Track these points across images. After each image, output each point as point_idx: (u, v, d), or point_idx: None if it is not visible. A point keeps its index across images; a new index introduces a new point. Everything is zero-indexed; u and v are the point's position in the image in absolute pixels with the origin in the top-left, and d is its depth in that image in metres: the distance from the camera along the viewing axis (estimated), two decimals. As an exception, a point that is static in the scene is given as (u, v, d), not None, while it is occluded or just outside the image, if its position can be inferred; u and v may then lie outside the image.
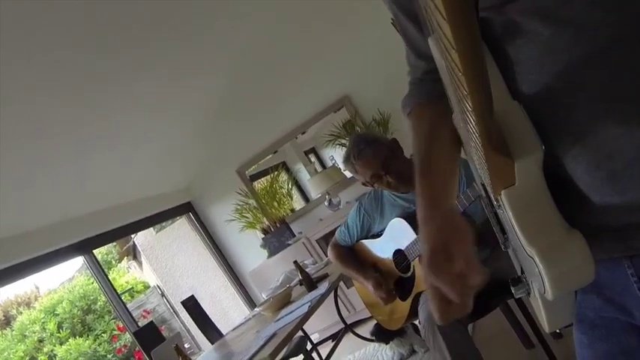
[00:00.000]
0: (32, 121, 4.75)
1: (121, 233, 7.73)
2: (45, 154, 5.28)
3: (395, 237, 3.67)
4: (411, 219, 3.49)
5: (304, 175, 8.27)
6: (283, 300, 5.02)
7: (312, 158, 8.39)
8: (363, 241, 4.01)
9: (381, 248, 3.85)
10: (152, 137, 6.86)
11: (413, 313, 3.62)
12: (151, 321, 6.22)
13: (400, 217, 3.56)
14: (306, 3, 6.05)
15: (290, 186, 8.31)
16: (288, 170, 8.46)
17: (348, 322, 6.28)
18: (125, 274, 14.09)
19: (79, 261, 6.75)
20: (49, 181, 5.68)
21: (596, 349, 1.06)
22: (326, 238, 6.98)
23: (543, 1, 0.80)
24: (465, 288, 0.93)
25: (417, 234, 3.47)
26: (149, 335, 5.35)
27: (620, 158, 0.80)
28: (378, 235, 3.87)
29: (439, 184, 1.08)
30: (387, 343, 5.11)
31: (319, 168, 8.25)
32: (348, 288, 6.66)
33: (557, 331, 3.60)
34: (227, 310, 9.40)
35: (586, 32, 0.78)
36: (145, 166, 7.33)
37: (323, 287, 4.64)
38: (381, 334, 4.80)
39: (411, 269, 3.62)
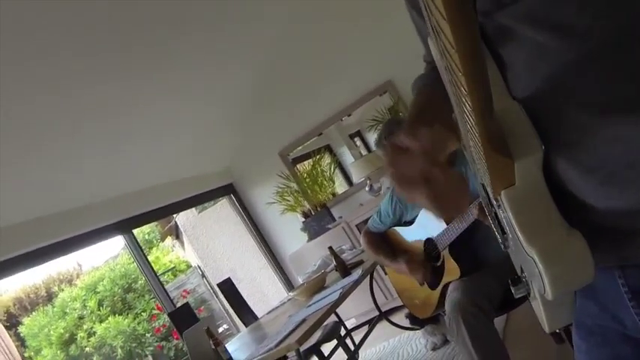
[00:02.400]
0: (80, 104, 4.85)
1: (162, 213, 7.84)
2: (91, 135, 5.39)
3: (426, 226, 3.66)
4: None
5: (348, 159, 8.26)
6: (317, 285, 5.03)
7: (358, 142, 8.36)
8: (395, 228, 4.00)
9: (413, 236, 3.85)
10: (196, 119, 6.93)
11: (442, 301, 3.60)
12: (187, 302, 6.30)
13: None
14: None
15: (333, 170, 8.29)
16: (332, 153, 8.43)
17: (385, 309, 6.28)
18: (169, 253, 14.25)
19: (122, 239, 6.82)
20: (93, 160, 5.80)
21: (592, 355, 1.07)
22: (365, 223, 6.96)
23: (533, 6, 0.79)
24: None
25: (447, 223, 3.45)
26: (184, 316, 5.38)
27: (613, 163, 0.79)
28: (410, 223, 3.85)
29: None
30: (421, 327, 5.09)
31: (364, 152, 8.21)
32: (385, 274, 6.64)
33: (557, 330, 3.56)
34: (266, 292, 9.47)
35: (576, 38, 0.77)
36: (188, 147, 7.39)
37: (356, 274, 4.65)
38: (416, 319, 4.77)
39: (441, 258, 3.61)
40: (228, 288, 6.39)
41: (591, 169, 0.81)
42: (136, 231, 7.05)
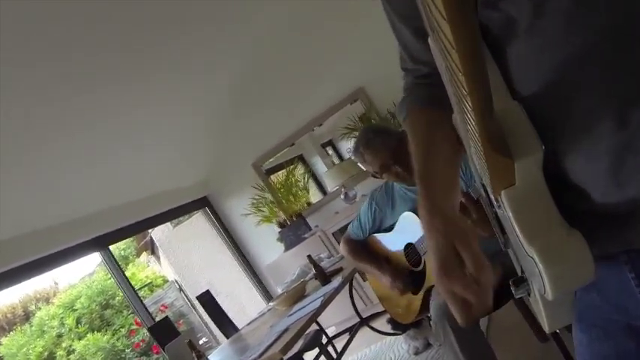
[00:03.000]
0: (49, 120, 4.79)
1: (137, 229, 7.78)
2: (60, 152, 5.32)
3: (406, 230, 3.66)
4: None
5: (321, 168, 8.26)
6: (297, 294, 5.02)
7: (330, 151, 8.37)
8: (375, 234, 4.00)
9: (393, 242, 3.85)
10: (167, 132, 6.89)
11: (425, 306, 3.61)
12: (166, 316, 6.25)
13: (411, 210, 3.55)
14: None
15: (306, 179, 8.30)
16: (305, 163, 8.44)
17: (365, 315, 6.30)
18: (145, 269, 14.19)
19: (98, 256, 6.79)
20: (65, 178, 5.73)
21: (593, 349, 1.06)
22: (342, 231, 6.97)
23: None
24: (479, 288, 0.93)
25: None
26: (164, 330, 5.36)
27: (618, 152, 0.80)
28: (390, 228, 3.86)
29: (438, 189, 1.08)
30: (403, 332, 5.10)
31: (337, 161, 8.22)
32: (364, 281, 6.65)
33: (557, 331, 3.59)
34: (245, 304, 9.43)
35: (578, 26, 0.77)
36: (160, 162, 7.36)
37: (336, 281, 4.65)
38: (397, 324, 4.78)
39: (422, 263, 3.61)
40: (207, 300, 6.37)
41: (598, 156, 0.82)
42: (112, 247, 7.01)
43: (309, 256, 5.18)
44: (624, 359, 0.99)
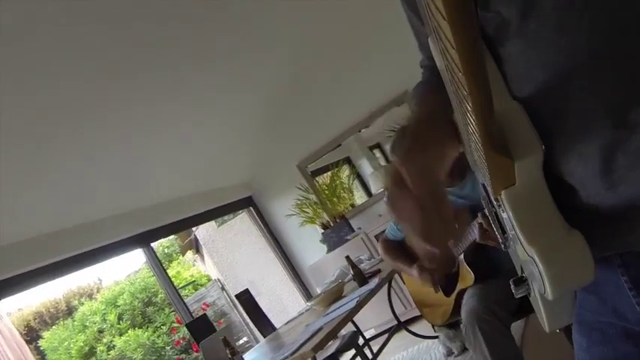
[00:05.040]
0: (104, 119, 4.88)
1: (181, 226, 7.85)
2: (108, 147, 5.40)
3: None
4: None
5: (367, 170, 8.27)
6: (335, 294, 5.04)
7: (377, 154, 8.36)
8: (413, 235, 3.98)
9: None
10: (214, 131, 6.95)
11: (457, 309, 3.59)
12: (204, 313, 6.29)
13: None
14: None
15: (351, 181, 8.29)
16: (351, 165, 8.45)
17: (404, 319, 6.28)
18: (190, 268, 14.32)
19: (142, 254, 6.85)
20: (111, 173, 5.81)
21: (592, 353, 1.06)
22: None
23: None
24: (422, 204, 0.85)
25: None
26: (202, 327, 5.40)
27: (610, 151, 0.79)
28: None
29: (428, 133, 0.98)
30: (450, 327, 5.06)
31: (384, 163, 8.22)
32: (404, 283, 6.62)
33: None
34: (286, 304, 9.48)
35: (564, 27, 0.77)
36: (207, 160, 7.43)
37: (373, 283, 4.65)
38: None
39: (456, 265, 3.59)
40: (246, 299, 6.40)
41: (591, 154, 0.81)
42: (155, 245, 7.07)
43: (347, 257, 5.19)
44: None
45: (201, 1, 4.47)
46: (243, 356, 4.46)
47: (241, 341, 10.93)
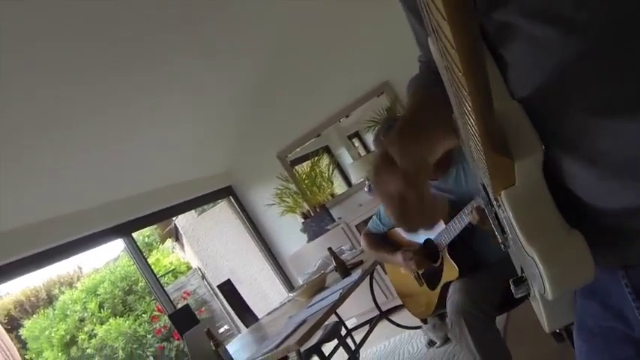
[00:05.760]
0: (74, 106, 4.82)
1: (161, 216, 7.84)
2: (86, 138, 5.36)
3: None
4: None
5: (347, 160, 8.27)
6: (317, 286, 5.04)
7: (356, 143, 8.35)
8: (395, 229, 4.01)
9: (412, 237, 3.85)
10: (194, 121, 6.92)
11: (442, 302, 3.61)
12: (187, 304, 6.30)
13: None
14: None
15: (331, 171, 8.30)
16: (330, 154, 8.43)
17: (385, 309, 6.30)
18: (169, 255, 14.26)
19: (122, 242, 6.84)
20: (90, 164, 5.77)
21: (594, 357, 1.06)
22: (365, 224, 6.94)
23: (533, 1, 0.79)
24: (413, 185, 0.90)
25: (445, 223, 3.47)
26: (184, 317, 5.39)
27: (613, 155, 0.79)
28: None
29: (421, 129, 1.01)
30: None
31: (363, 153, 8.21)
32: (386, 273, 6.65)
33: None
34: (267, 292, 9.47)
35: (576, 31, 0.76)
36: (186, 150, 7.39)
37: (356, 274, 4.65)
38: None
39: (440, 259, 3.62)
40: (228, 289, 6.40)
41: (593, 162, 0.82)
42: (135, 234, 7.05)
43: (329, 249, 5.19)
44: None
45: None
46: (227, 347, 4.47)
47: (222, 329, 10.92)
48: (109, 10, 4.09)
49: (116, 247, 13.75)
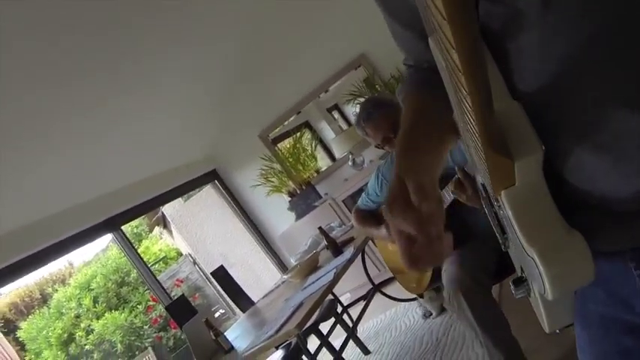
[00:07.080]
0: (53, 102, 4.78)
1: (148, 207, 7.82)
2: (66, 137, 5.31)
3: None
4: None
5: (329, 134, 8.26)
6: (310, 266, 5.05)
7: (336, 115, 8.34)
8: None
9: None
10: (171, 107, 6.86)
11: (435, 277, 3.62)
12: (182, 294, 6.31)
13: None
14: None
15: (314, 146, 8.29)
16: (312, 130, 8.44)
17: (378, 281, 6.31)
18: (158, 242, 14.24)
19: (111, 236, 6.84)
20: (72, 162, 5.73)
21: (594, 346, 1.06)
22: (352, 198, 6.96)
23: None
24: (426, 225, 0.89)
25: None
26: (181, 308, 5.41)
27: (627, 140, 0.79)
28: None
29: (419, 162, 0.99)
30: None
31: (344, 125, 8.20)
32: (376, 246, 6.67)
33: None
34: (259, 274, 9.50)
35: (587, 14, 0.76)
36: (167, 138, 7.35)
37: (348, 252, 4.65)
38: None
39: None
40: (222, 275, 6.41)
41: (605, 146, 0.82)
42: (124, 226, 7.04)
43: (320, 228, 5.19)
44: (624, 356, 0.99)
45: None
46: (226, 333, 4.49)
47: (218, 314, 10.94)
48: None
49: (104, 238, 13.75)
